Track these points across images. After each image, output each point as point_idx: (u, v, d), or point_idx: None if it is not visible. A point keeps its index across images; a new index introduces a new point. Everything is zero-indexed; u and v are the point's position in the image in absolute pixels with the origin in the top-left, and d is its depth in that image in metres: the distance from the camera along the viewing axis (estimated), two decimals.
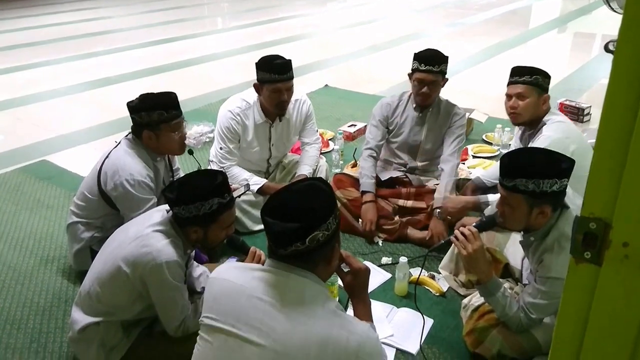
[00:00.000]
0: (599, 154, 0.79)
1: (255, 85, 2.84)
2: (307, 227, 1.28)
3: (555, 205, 1.84)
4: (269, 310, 1.28)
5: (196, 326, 1.79)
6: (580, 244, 0.80)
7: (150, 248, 1.77)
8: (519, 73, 2.61)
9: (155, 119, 2.29)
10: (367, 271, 1.63)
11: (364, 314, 1.61)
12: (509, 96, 2.65)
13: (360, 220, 2.90)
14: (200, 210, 1.76)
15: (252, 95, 2.91)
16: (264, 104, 2.88)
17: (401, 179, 3.06)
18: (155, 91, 2.38)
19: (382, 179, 3.04)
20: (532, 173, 1.76)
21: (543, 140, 2.45)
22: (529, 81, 2.57)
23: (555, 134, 2.47)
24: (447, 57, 2.86)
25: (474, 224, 1.99)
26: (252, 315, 1.28)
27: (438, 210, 2.78)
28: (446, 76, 2.88)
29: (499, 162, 2.89)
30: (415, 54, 2.85)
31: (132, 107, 2.32)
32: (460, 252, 1.91)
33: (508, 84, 2.66)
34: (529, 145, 2.54)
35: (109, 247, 1.91)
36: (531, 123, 2.62)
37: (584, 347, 0.86)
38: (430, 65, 2.78)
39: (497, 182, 2.79)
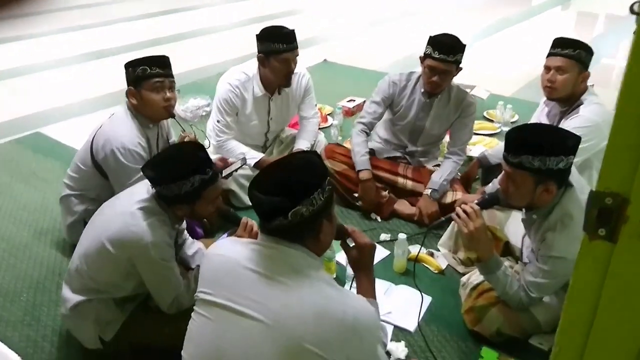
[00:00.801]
0: (617, 126, 0.75)
1: (259, 58, 2.76)
2: (287, 202, 1.26)
3: (561, 183, 1.81)
4: (263, 283, 1.26)
5: (190, 302, 1.77)
6: (594, 220, 0.76)
7: (135, 228, 1.71)
8: (561, 45, 2.44)
9: (139, 74, 2.23)
10: (372, 247, 1.61)
11: (368, 290, 1.59)
12: (547, 68, 2.48)
13: (358, 200, 2.86)
14: (182, 189, 1.69)
15: (251, 68, 2.85)
16: (264, 77, 2.81)
17: (398, 159, 3.00)
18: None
19: (379, 158, 2.97)
20: (538, 150, 1.71)
21: (581, 121, 2.34)
22: (571, 55, 2.41)
23: (595, 116, 2.36)
24: (464, 46, 2.66)
25: (476, 201, 1.95)
26: (247, 289, 1.27)
27: (432, 190, 2.73)
28: (460, 65, 2.69)
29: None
30: (430, 37, 2.64)
31: (126, 64, 2.28)
32: (462, 230, 1.87)
33: (548, 55, 2.48)
34: (561, 124, 2.43)
35: (95, 223, 1.85)
36: (566, 100, 2.47)
37: (594, 327, 0.82)
38: (445, 54, 2.58)
39: (499, 160, 2.79)
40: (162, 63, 2.28)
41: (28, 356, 1.98)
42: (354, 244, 1.61)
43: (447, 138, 3.02)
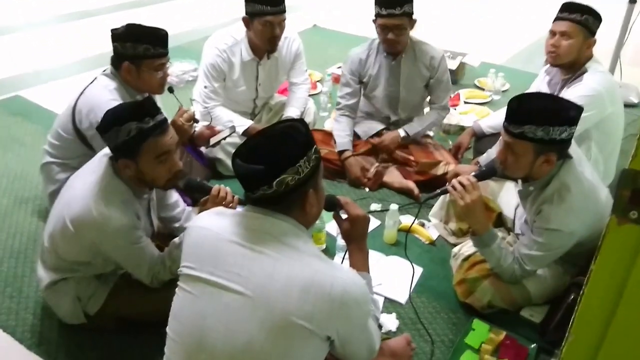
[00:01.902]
0: None
1: (244, 19, 2.65)
2: (272, 170, 1.21)
3: (561, 154, 1.76)
4: (248, 255, 1.21)
5: (171, 275, 1.75)
6: (625, 201, 0.70)
7: (96, 214, 1.60)
8: (568, 9, 2.36)
9: (140, 52, 2.13)
10: (365, 219, 1.57)
11: (361, 263, 1.55)
12: (552, 33, 2.40)
13: (347, 177, 2.83)
14: (118, 138, 1.56)
15: (239, 31, 2.74)
16: (252, 40, 2.71)
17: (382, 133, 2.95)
18: (142, 24, 2.20)
19: (364, 138, 2.93)
20: (542, 119, 1.66)
21: (585, 89, 2.27)
22: (578, 20, 2.32)
23: (598, 85, 2.29)
24: None
25: (473, 173, 1.90)
26: (231, 262, 1.22)
27: (405, 133, 2.74)
28: (414, 17, 2.61)
29: (502, 110, 2.81)
30: None
31: (117, 34, 2.15)
32: (458, 202, 1.83)
33: (554, 20, 2.41)
34: (563, 92, 2.37)
35: (61, 200, 1.75)
36: (569, 67, 2.40)
37: (617, 317, 0.77)
38: (392, 9, 2.52)
39: (494, 130, 2.76)
40: (164, 42, 2.18)
41: (10, 329, 1.93)
42: (346, 216, 1.57)
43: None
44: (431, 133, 3.11)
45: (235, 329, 1.18)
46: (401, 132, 2.78)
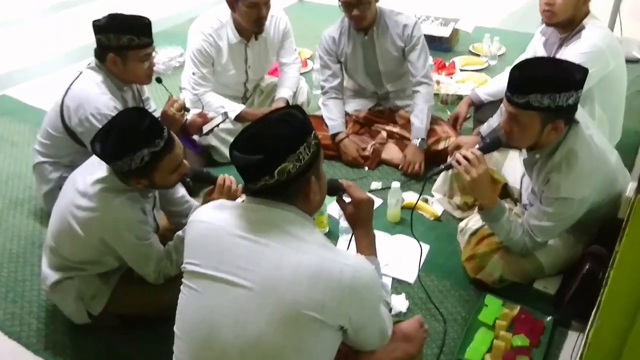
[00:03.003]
0: None
1: (228, 1, 2.56)
2: (272, 159, 1.17)
3: (568, 120, 1.70)
4: (252, 248, 1.18)
5: (175, 270, 1.73)
6: None
7: (101, 212, 1.59)
8: None
9: (124, 43, 2.06)
10: (370, 202, 1.52)
11: (368, 247, 1.52)
12: None
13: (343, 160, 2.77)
14: (132, 165, 1.54)
15: (224, 13, 2.64)
16: (238, 22, 2.62)
17: (375, 112, 2.88)
18: (123, 11, 2.12)
19: (356, 115, 2.86)
20: (547, 87, 1.59)
21: (585, 45, 2.18)
22: None
23: (598, 40, 2.19)
24: None
25: (477, 146, 1.84)
26: (236, 256, 1.18)
27: (420, 140, 2.62)
28: None
29: (499, 76, 2.75)
30: None
31: (100, 26, 2.07)
32: (464, 177, 1.77)
33: None
34: (561, 51, 2.28)
35: (61, 202, 1.72)
36: (566, 26, 2.30)
37: None
38: None
39: (493, 98, 2.69)
40: (148, 31, 2.10)
41: (15, 334, 1.90)
42: (349, 199, 1.52)
43: None
44: None
45: (245, 324, 1.15)
46: (416, 142, 2.64)
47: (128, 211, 1.62)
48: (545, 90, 1.59)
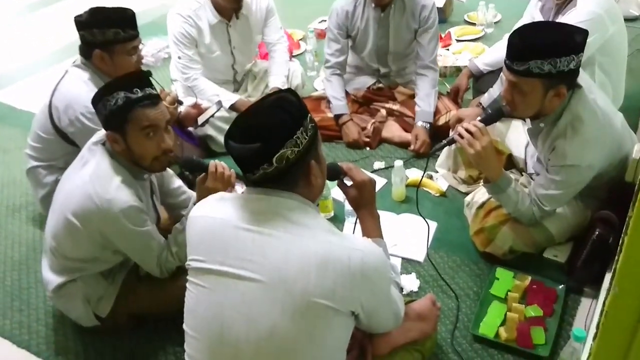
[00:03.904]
0: None
1: None
2: (269, 147, 1.13)
3: (571, 85, 1.65)
4: (257, 239, 1.15)
5: (179, 261, 1.70)
6: None
7: (99, 199, 1.56)
8: None
9: (110, 37, 2.00)
10: (372, 183, 1.49)
11: (373, 228, 1.49)
12: None
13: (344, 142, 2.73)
14: (107, 107, 1.54)
15: None
16: (216, 1, 2.57)
17: (374, 90, 2.82)
18: (105, 5, 2.06)
19: (355, 94, 2.81)
20: (547, 52, 1.54)
21: (581, 14, 2.12)
22: None
23: (595, 6, 2.14)
24: None
25: (479, 118, 1.79)
26: (241, 249, 1.16)
27: (428, 124, 2.58)
28: None
29: (497, 45, 2.69)
30: None
31: (82, 22, 2.01)
32: (467, 151, 1.72)
33: None
34: (560, 18, 2.22)
35: (57, 199, 1.70)
36: None
37: None
38: None
39: (492, 68, 2.63)
40: (133, 23, 2.05)
41: (24, 343, 1.87)
42: (351, 183, 1.48)
43: None
44: None
45: (257, 317, 1.13)
46: (423, 125, 2.59)
47: (123, 196, 1.57)
48: (545, 56, 1.55)
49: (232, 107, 2.66)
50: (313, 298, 1.10)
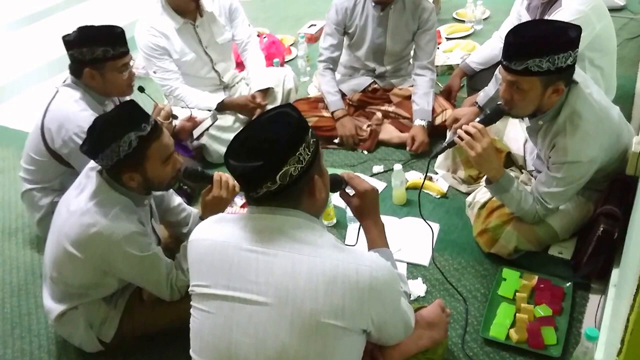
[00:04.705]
0: None
1: None
2: (272, 164, 1.10)
3: (568, 80, 1.65)
4: (262, 260, 1.12)
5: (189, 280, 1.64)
6: None
7: (98, 227, 1.52)
8: None
9: (99, 56, 1.97)
10: (374, 192, 1.48)
11: (378, 237, 1.47)
12: None
13: (338, 138, 2.70)
14: (120, 153, 1.48)
15: (155, 4, 2.58)
16: (173, 2, 2.55)
17: (369, 93, 2.80)
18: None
19: (350, 98, 2.79)
20: (546, 50, 1.54)
21: (568, 14, 2.11)
22: None
23: (580, 5, 2.13)
24: None
25: (478, 119, 1.78)
26: (246, 271, 1.13)
27: (427, 122, 2.56)
28: None
29: (487, 42, 2.67)
30: None
31: (71, 41, 1.98)
32: (469, 153, 1.71)
33: None
34: (546, 18, 2.21)
35: (55, 226, 1.66)
36: None
37: None
38: None
39: (484, 66, 2.62)
40: (122, 39, 2.01)
41: None
42: (353, 192, 1.47)
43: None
44: None
45: (265, 339, 1.10)
46: (421, 123, 2.57)
47: (124, 222, 1.55)
48: (543, 54, 1.54)
49: (220, 107, 2.64)
50: (322, 319, 1.08)
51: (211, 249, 1.18)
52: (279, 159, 1.10)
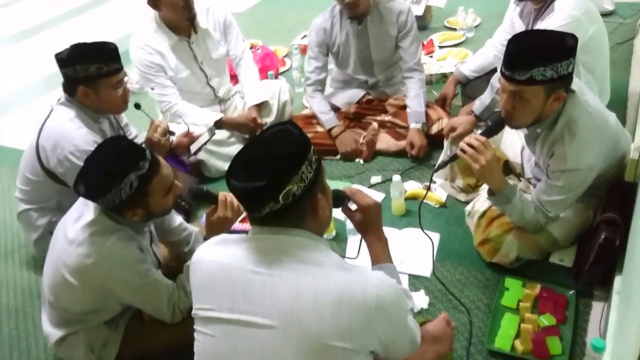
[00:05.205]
0: None
1: (150, 2, 2.48)
2: (275, 184, 1.09)
3: (568, 87, 1.66)
4: (266, 282, 1.10)
5: (192, 301, 1.62)
6: None
7: (96, 258, 1.50)
8: None
9: (93, 73, 1.95)
10: (377, 206, 1.46)
11: (382, 252, 1.45)
12: None
13: (339, 155, 2.70)
14: (122, 195, 1.45)
15: (151, 20, 2.58)
16: (168, 19, 2.54)
17: (364, 104, 2.81)
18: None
19: (346, 110, 2.79)
20: (548, 58, 1.54)
21: (560, 19, 2.12)
22: None
23: (572, 10, 2.14)
24: None
25: (480, 131, 1.78)
26: (250, 293, 1.11)
27: (422, 124, 2.56)
28: None
29: (481, 51, 2.68)
30: None
31: (64, 59, 1.96)
32: (472, 166, 1.71)
33: None
34: (540, 24, 2.22)
35: (53, 251, 1.64)
36: None
37: None
38: None
39: (478, 74, 2.63)
40: (116, 56, 2.00)
41: None
42: (355, 207, 1.45)
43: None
44: None
45: None
46: (416, 126, 2.58)
47: (123, 251, 1.53)
48: (547, 62, 1.55)
49: (218, 124, 2.63)
50: (329, 341, 1.06)
51: (214, 271, 1.16)
52: (281, 178, 1.09)
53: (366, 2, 2.51)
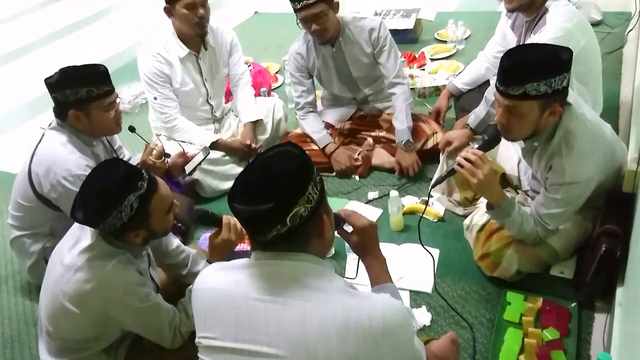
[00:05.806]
0: None
1: (165, 9, 2.49)
2: (282, 206, 1.06)
3: (563, 101, 1.66)
4: (271, 309, 1.08)
5: (194, 325, 1.60)
6: None
7: (95, 283, 1.48)
8: None
9: (83, 96, 1.93)
10: (373, 227, 1.44)
11: (381, 272, 1.43)
12: None
13: (335, 173, 2.70)
14: (123, 217, 1.43)
15: (166, 30, 2.59)
16: (181, 31, 2.56)
17: (358, 120, 2.82)
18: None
19: (340, 128, 2.80)
20: (542, 73, 1.54)
21: (551, 32, 2.12)
22: None
23: (564, 22, 2.14)
24: None
25: (477, 145, 1.78)
26: (255, 321, 1.08)
27: (406, 142, 2.55)
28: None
29: (473, 63, 2.69)
30: None
31: (53, 84, 1.94)
32: (470, 180, 1.70)
33: None
34: (532, 37, 2.22)
35: (49, 279, 1.60)
36: (529, 7, 2.22)
37: None
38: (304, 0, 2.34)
39: (471, 87, 2.64)
40: (106, 78, 1.98)
41: None
42: (351, 229, 1.44)
43: None
44: None
45: None
46: (401, 145, 2.56)
47: (123, 274, 1.51)
48: (541, 77, 1.55)
49: (214, 146, 2.63)
50: None
51: (217, 298, 1.14)
52: (289, 199, 1.06)
53: (334, 25, 2.50)
